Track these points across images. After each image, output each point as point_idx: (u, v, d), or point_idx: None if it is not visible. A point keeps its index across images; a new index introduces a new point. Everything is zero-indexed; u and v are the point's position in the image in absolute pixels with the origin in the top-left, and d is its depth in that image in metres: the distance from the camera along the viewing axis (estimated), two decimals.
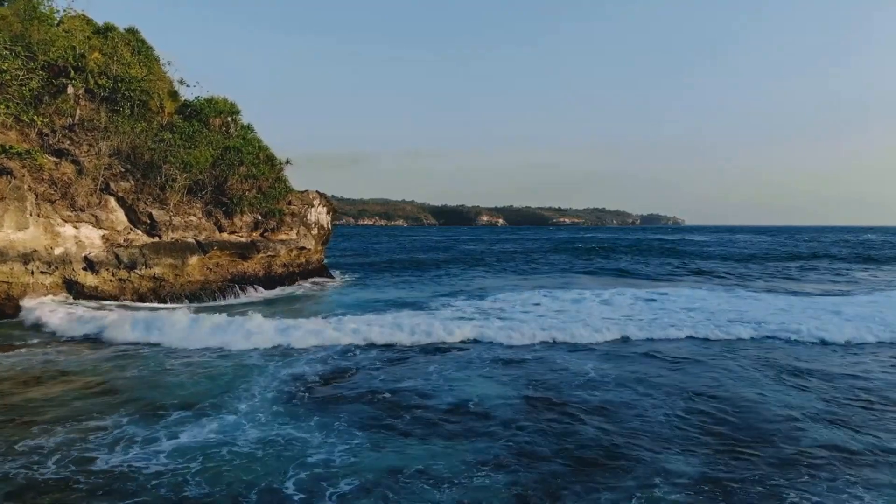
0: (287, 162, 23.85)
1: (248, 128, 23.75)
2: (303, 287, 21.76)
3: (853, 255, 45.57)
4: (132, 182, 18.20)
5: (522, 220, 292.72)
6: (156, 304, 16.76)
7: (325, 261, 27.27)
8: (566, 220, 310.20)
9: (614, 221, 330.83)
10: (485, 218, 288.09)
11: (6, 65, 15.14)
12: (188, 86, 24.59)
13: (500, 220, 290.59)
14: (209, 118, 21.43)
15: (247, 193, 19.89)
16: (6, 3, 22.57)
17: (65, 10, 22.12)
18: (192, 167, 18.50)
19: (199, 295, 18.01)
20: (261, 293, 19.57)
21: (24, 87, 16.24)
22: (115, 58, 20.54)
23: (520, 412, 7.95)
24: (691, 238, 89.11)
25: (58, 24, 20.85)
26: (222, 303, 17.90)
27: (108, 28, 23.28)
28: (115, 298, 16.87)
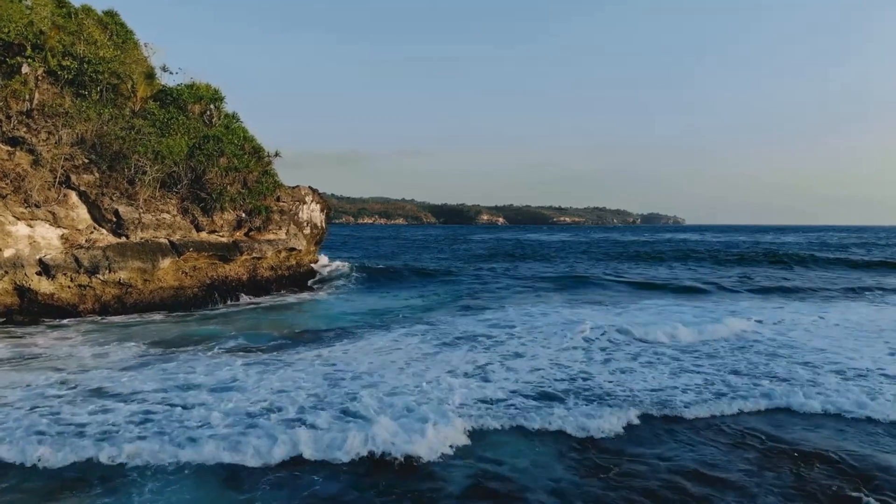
0: (276, 154, 21.66)
1: (233, 116, 21.56)
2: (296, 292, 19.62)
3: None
4: (97, 174, 16.04)
5: (522, 219, 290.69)
6: (114, 319, 14.60)
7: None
8: (566, 219, 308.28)
9: (615, 221, 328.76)
10: (485, 217, 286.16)
11: None
12: (171, 73, 22.29)
13: (501, 220, 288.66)
14: (188, 105, 19.25)
15: (228, 188, 17.72)
16: None
17: None
18: (165, 158, 16.34)
19: (173, 303, 15.86)
20: (244, 301, 17.41)
21: None
22: (81, 37, 18.39)
23: None
24: (737, 239, 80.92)
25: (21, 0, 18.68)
26: (196, 313, 15.74)
27: (85, 10, 21.10)
28: (74, 308, 14.72)
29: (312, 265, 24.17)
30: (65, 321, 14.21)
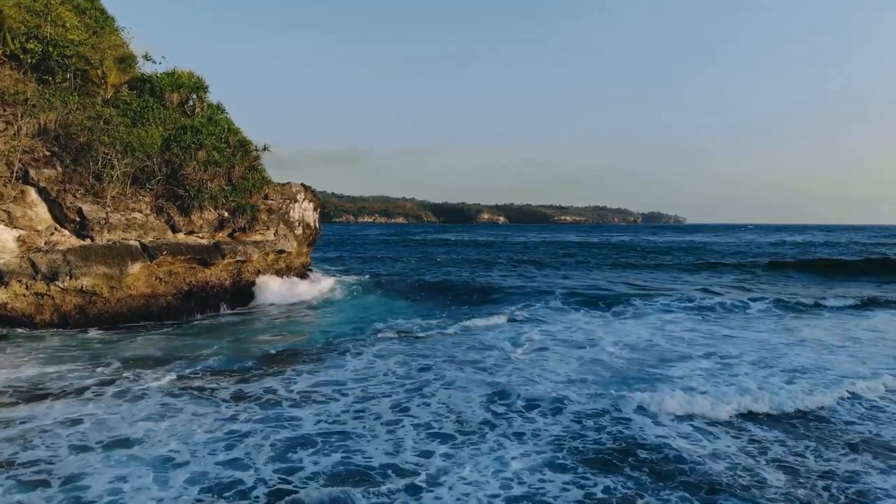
0: (265, 148, 19.90)
1: (218, 107, 19.83)
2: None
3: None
4: (59, 169, 14.32)
5: (523, 218, 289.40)
6: (68, 333, 12.90)
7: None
8: (567, 218, 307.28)
9: (616, 220, 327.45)
10: (485, 216, 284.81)
11: None
12: (154, 62, 20.51)
13: (501, 219, 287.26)
14: (165, 93, 17.54)
15: (209, 184, 16.01)
16: None
17: None
18: (136, 150, 14.63)
19: (143, 313, 14.17)
20: (224, 314, 15.71)
21: None
22: (48, 18, 16.68)
23: None
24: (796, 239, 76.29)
25: None
26: (168, 325, 14.05)
27: None
28: (30, 318, 13.02)
29: (309, 270, 22.48)
30: (18, 330, 12.57)
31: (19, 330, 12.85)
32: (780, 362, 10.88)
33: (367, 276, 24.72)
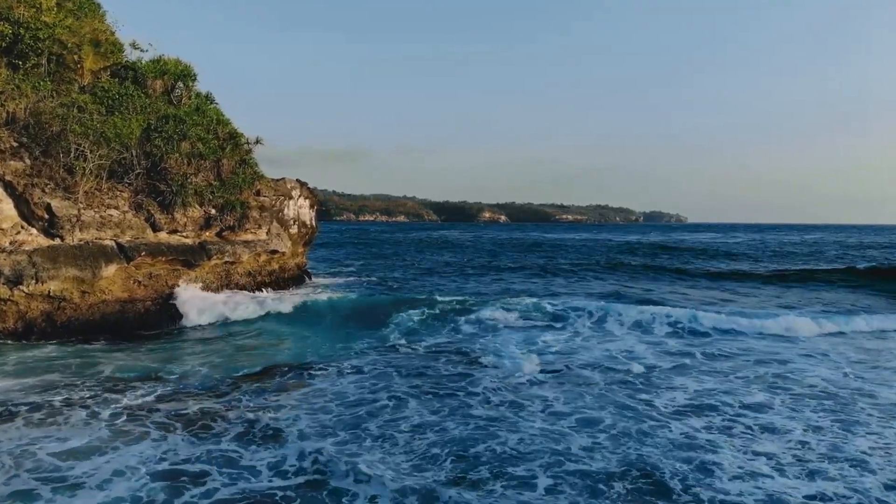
0: (257, 141, 18.56)
1: (207, 97, 18.48)
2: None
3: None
4: (27, 161, 12.98)
5: (524, 216, 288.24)
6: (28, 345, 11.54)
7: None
8: (569, 217, 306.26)
9: (617, 219, 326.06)
10: (486, 215, 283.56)
11: None
12: (142, 50, 19.08)
13: (503, 217, 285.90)
14: (148, 80, 16.20)
15: (193, 178, 14.67)
16: None
17: None
18: (112, 141, 13.29)
19: (118, 320, 12.84)
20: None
21: None
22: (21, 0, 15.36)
23: None
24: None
25: None
26: (141, 337, 12.73)
27: None
28: None
29: (306, 273, 21.17)
30: None
31: None
32: None
33: (350, 291, 19.85)
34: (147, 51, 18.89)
